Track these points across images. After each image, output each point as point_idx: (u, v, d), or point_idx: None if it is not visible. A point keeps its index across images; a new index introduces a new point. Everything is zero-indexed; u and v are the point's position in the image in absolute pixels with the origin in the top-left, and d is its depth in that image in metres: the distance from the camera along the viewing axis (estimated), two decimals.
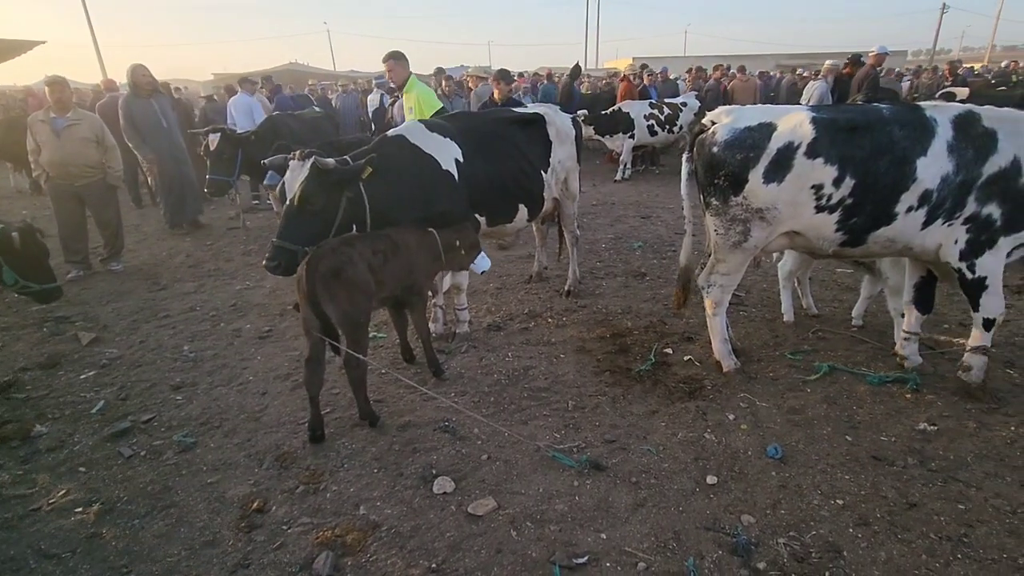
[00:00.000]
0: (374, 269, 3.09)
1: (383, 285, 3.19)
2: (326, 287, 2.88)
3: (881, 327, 4.10)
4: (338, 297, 2.91)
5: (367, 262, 3.05)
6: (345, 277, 2.92)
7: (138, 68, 6.60)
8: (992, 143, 2.90)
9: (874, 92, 7.89)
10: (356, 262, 2.99)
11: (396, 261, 3.24)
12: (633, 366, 3.72)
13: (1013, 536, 2.31)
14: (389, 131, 3.84)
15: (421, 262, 3.43)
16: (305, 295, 2.90)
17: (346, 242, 3.09)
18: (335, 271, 2.90)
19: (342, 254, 2.97)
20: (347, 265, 2.94)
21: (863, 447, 2.88)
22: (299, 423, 3.21)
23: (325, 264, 2.90)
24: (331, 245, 3.03)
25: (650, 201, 8.65)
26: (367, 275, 3.03)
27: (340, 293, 2.91)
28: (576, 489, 2.67)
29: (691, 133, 3.40)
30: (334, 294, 2.90)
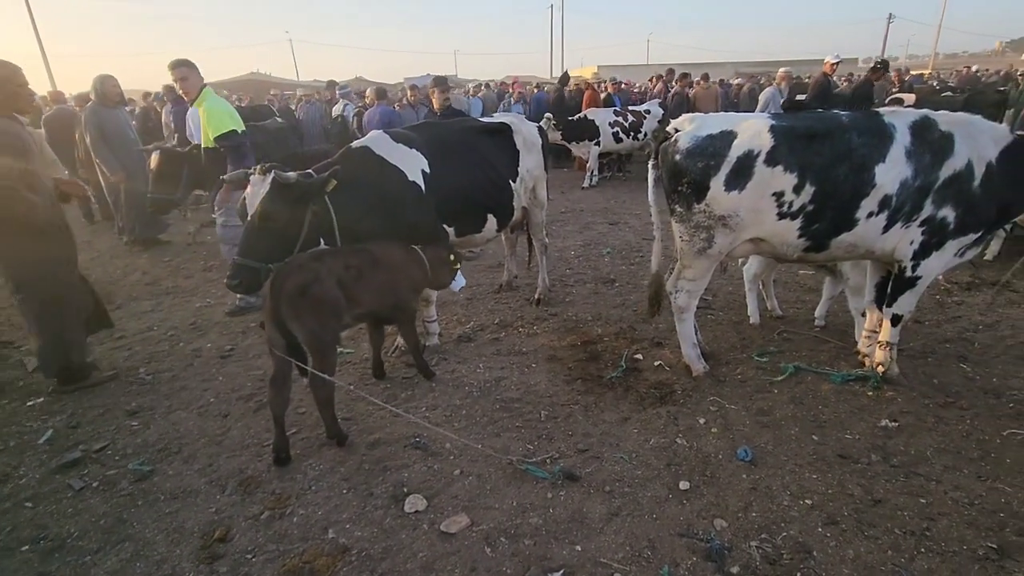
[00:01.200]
0: (345, 285, 2.99)
1: (357, 302, 3.08)
2: (292, 306, 2.79)
3: (843, 326, 4.21)
4: (304, 316, 2.81)
5: (337, 278, 2.96)
6: (312, 295, 2.82)
7: (108, 79, 6.36)
8: (949, 147, 3.01)
9: (824, 100, 8.10)
10: (324, 279, 2.89)
11: (375, 277, 3.15)
12: (604, 373, 3.73)
13: (972, 527, 2.38)
14: (353, 142, 3.77)
15: (406, 280, 3.36)
16: (270, 314, 2.80)
17: (315, 257, 2.99)
18: (301, 289, 2.80)
19: (309, 271, 2.87)
20: (314, 283, 2.84)
21: (829, 446, 2.94)
22: (263, 445, 3.10)
23: (291, 282, 2.80)
24: (298, 261, 2.93)
25: (618, 207, 8.75)
26: (336, 292, 2.93)
27: (306, 312, 2.82)
28: (550, 501, 2.64)
29: (655, 140, 3.44)
30: (300, 313, 2.80)
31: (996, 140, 3.06)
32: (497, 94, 14.06)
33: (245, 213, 3.21)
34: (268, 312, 2.81)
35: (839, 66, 9.06)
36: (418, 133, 3.84)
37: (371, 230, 3.40)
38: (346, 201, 3.30)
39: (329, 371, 2.91)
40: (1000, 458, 2.79)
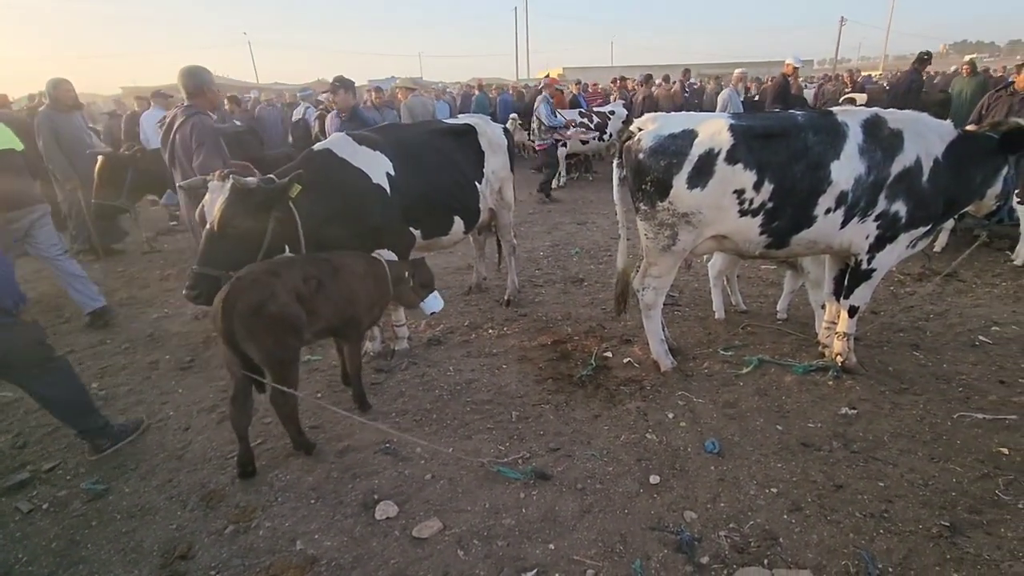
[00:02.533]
0: (305, 298, 2.81)
1: (317, 315, 2.91)
2: (245, 326, 2.59)
3: (804, 319, 4.34)
4: (260, 337, 2.63)
5: (295, 292, 2.77)
6: (268, 314, 2.62)
7: (61, 82, 6.07)
8: (899, 143, 3.13)
9: (784, 101, 8.34)
10: (280, 295, 2.68)
11: (335, 288, 2.98)
12: (575, 372, 3.75)
13: (926, 507, 2.48)
14: (315, 145, 3.70)
15: (364, 292, 3.19)
16: (222, 335, 2.62)
17: (269, 271, 2.77)
18: (255, 308, 2.60)
19: (263, 287, 2.66)
20: (269, 300, 2.64)
21: (793, 435, 3.02)
22: (227, 458, 3.01)
23: (244, 300, 2.59)
24: (251, 276, 2.71)
25: (585, 207, 8.83)
26: (295, 308, 2.74)
27: (262, 332, 2.63)
28: (523, 501, 2.63)
29: (619, 140, 3.48)
30: (255, 333, 2.62)
31: (942, 136, 3.20)
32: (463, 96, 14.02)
33: (204, 221, 3.08)
34: (220, 333, 2.63)
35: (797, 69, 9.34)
36: (382, 135, 3.79)
37: (336, 235, 3.33)
38: (309, 206, 3.22)
39: (291, 387, 2.78)
40: (951, 440, 2.92)
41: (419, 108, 8.30)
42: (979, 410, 3.14)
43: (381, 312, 3.51)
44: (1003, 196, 3.35)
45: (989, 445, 2.85)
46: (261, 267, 2.82)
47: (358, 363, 3.37)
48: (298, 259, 3.06)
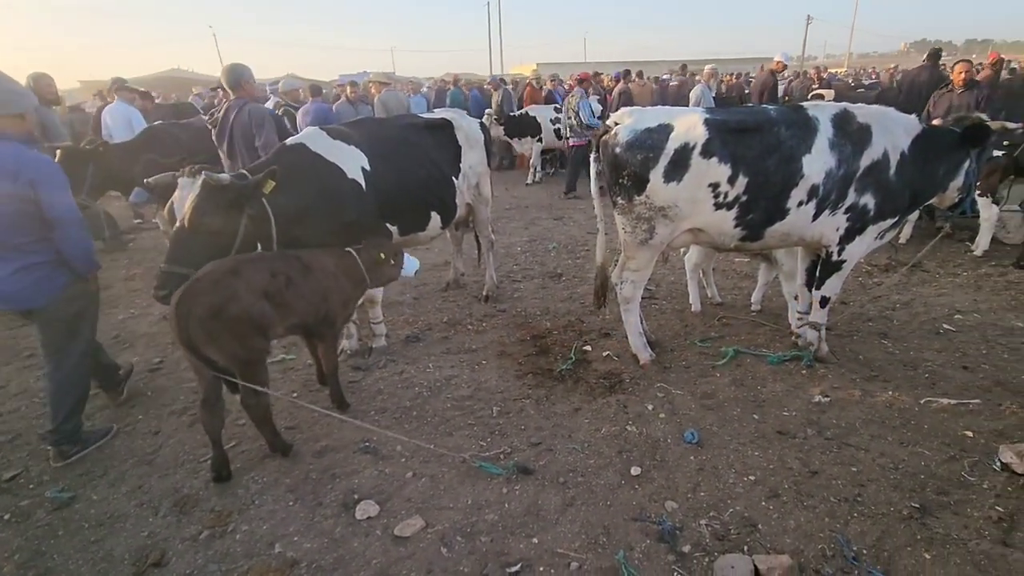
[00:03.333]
0: (273, 295, 2.70)
1: (289, 311, 2.81)
2: (205, 330, 2.48)
3: (777, 310, 4.43)
4: (222, 340, 2.52)
5: (261, 290, 2.66)
6: (229, 317, 2.50)
7: (42, 77, 5.88)
8: (867, 138, 3.21)
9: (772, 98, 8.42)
10: (242, 296, 2.56)
11: (307, 285, 2.89)
12: (554, 366, 3.75)
13: (897, 490, 2.56)
14: (288, 139, 3.61)
15: (338, 289, 3.11)
16: (179, 339, 2.50)
17: (230, 270, 2.64)
18: (215, 311, 2.48)
19: (224, 288, 2.54)
20: (230, 302, 2.51)
21: (769, 423, 3.08)
22: (200, 461, 2.92)
23: (202, 303, 2.47)
24: (209, 276, 2.57)
25: (562, 203, 8.85)
26: (262, 306, 2.63)
27: (224, 335, 2.52)
28: (505, 496, 2.63)
29: (596, 134, 3.48)
30: (216, 337, 2.51)
31: (908, 131, 3.29)
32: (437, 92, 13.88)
33: (173, 218, 2.98)
34: (177, 338, 2.51)
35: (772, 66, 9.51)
36: (356, 130, 3.72)
37: (310, 232, 3.26)
38: (283, 202, 3.14)
39: (262, 386, 2.70)
40: (919, 424, 3.01)
41: (393, 103, 8.17)
42: (944, 395, 3.25)
43: (355, 306, 3.45)
44: (965, 189, 3.46)
45: (955, 428, 2.96)
46: (221, 266, 2.67)
47: (334, 362, 3.30)
48: (264, 256, 2.97)
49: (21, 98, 2.76)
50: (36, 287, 2.79)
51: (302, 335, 3.23)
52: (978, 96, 5.80)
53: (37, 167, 2.68)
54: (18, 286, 2.74)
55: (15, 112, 2.70)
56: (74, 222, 2.80)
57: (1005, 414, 3.06)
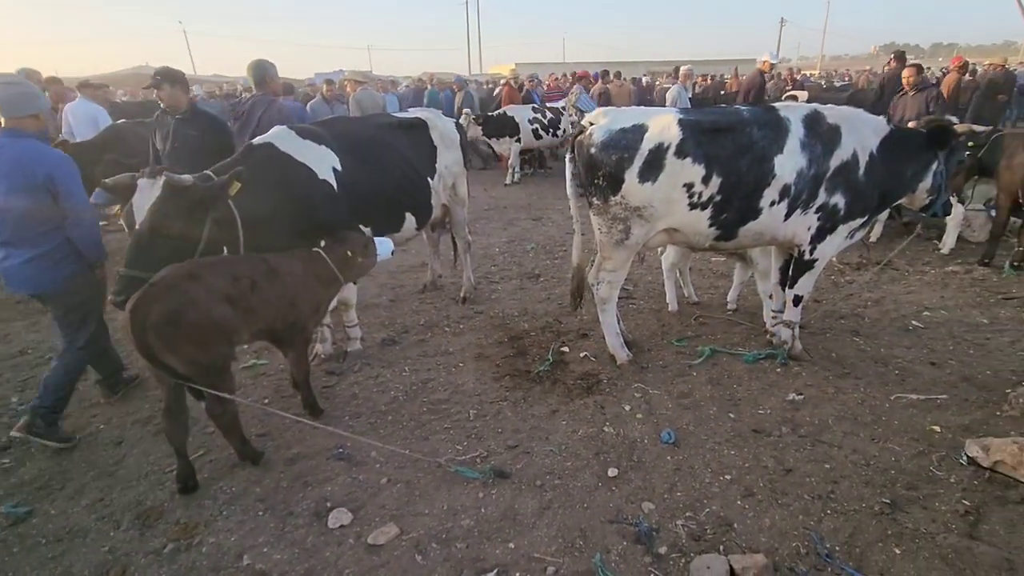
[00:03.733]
0: (236, 300, 2.60)
1: (255, 317, 2.71)
2: (161, 338, 2.37)
3: (753, 308, 4.47)
4: (181, 348, 2.42)
5: (223, 295, 2.56)
6: (187, 323, 2.41)
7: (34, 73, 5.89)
8: (837, 138, 3.25)
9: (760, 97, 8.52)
10: (201, 301, 2.46)
11: (273, 289, 2.80)
12: (532, 368, 3.73)
13: (868, 486, 2.59)
14: (255, 139, 3.51)
15: (308, 294, 3.02)
16: (136, 347, 2.39)
17: (188, 275, 2.53)
18: (171, 318, 2.37)
19: (180, 294, 2.44)
20: (187, 308, 2.42)
21: (744, 422, 3.10)
22: (165, 472, 2.82)
23: (158, 310, 2.36)
24: (165, 281, 2.45)
25: (540, 203, 8.84)
26: (222, 310, 2.53)
27: (182, 343, 2.42)
28: (482, 501, 2.59)
29: (571, 134, 3.47)
30: (174, 345, 2.41)
31: (876, 131, 3.35)
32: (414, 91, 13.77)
33: (132, 221, 2.86)
34: (134, 345, 2.41)
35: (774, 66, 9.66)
36: (327, 129, 3.65)
37: (279, 234, 3.17)
38: (250, 204, 3.05)
39: (228, 392, 2.60)
40: (889, 421, 3.06)
41: (368, 101, 8.05)
42: (913, 391, 3.31)
43: (327, 310, 3.37)
44: (934, 191, 3.53)
45: (923, 424, 3.01)
46: (179, 270, 2.56)
47: (306, 368, 3.22)
48: (226, 259, 2.87)
49: (37, 99, 3.05)
50: (46, 273, 3.01)
51: (270, 342, 3.13)
52: (927, 97, 6.01)
53: (54, 162, 2.92)
54: (31, 272, 2.97)
55: (32, 112, 2.97)
56: (87, 213, 3.07)
57: (971, 409, 3.13)
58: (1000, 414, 3.06)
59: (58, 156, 2.96)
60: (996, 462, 2.59)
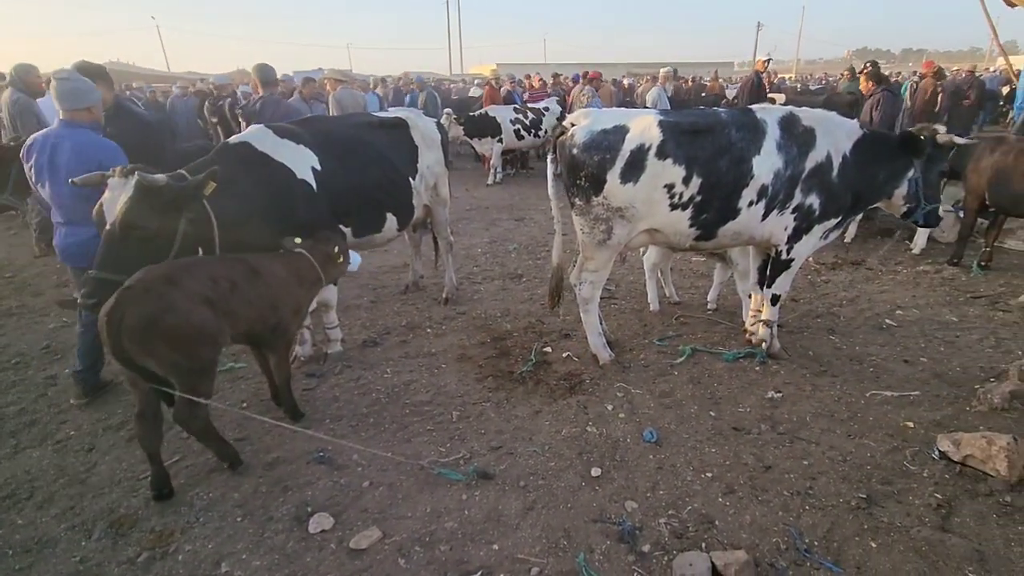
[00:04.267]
0: (215, 302, 2.54)
1: (235, 319, 2.65)
2: (137, 340, 2.31)
3: (732, 308, 4.53)
4: (159, 352, 2.36)
5: (203, 297, 2.49)
6: (167, 327, 2.35)
7: (33, 69, 5.82)
8: (812, 140, 3.31)
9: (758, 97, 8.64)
10: (179, 305, 2.40)
11: (254, 290, 2.74)
12: (515, 368, 3.72)
13: (846, 481, 2.64)
14: (231, 138, 3.45)
15: (289, 296, 2.96)
16: (112, 352, 2.33)
17: (164, 277, 2.46)
18: (148, 322, 2.31)
19: (157, 297, 2.37)
20: (166, 312, 2.35)
21: (725, 420, 3.13)
22: (139, 479, 2.75)
23: (134, 313, 2.30)
24: (142, 284, 2.39)
25: (522, 204, 8.84)
26: (205, 313, 2.47)
27: (161, 347, 2.36)
28: (465, 503, 2.58)
29: (553, 135, 3.47)
30: (151, 349, 2.35)
31: (849, 134, 3.42)
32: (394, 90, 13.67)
33: (103, 221, 2.77)
34: (110, 350, 2.35)
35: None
36: (305, 128, 3.59)
37: (257, 235, 3.12)
38: (226, 203, 2.99)
39: (204, 396, 2.52)
40: (865, 417, 3.13)
41: (348, 101, 7.97)
42: (887, 388, 3.39)
43: (308, 312, 3.32)
44: (912, 199, 3.55)
45: (897, 420, 3.08)
46: (155, 272, 2.49)
47: (287, 371, 3.16)
48: (204, 260, 2.80)
49: (90, 94, 3.27)
50: None
51: (250, 345, 3.07)
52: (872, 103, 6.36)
53: (106, 150, 3.18)
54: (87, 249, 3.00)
55: (86, 105, 3.23)
56: None
57: (942, 405, 3.22)
58: (969, 409, 3.15)
59: (109, 145, 3.24)
60: (966, 456, 2.66)
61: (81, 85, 3.23)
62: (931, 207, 3.60)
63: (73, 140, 3.12)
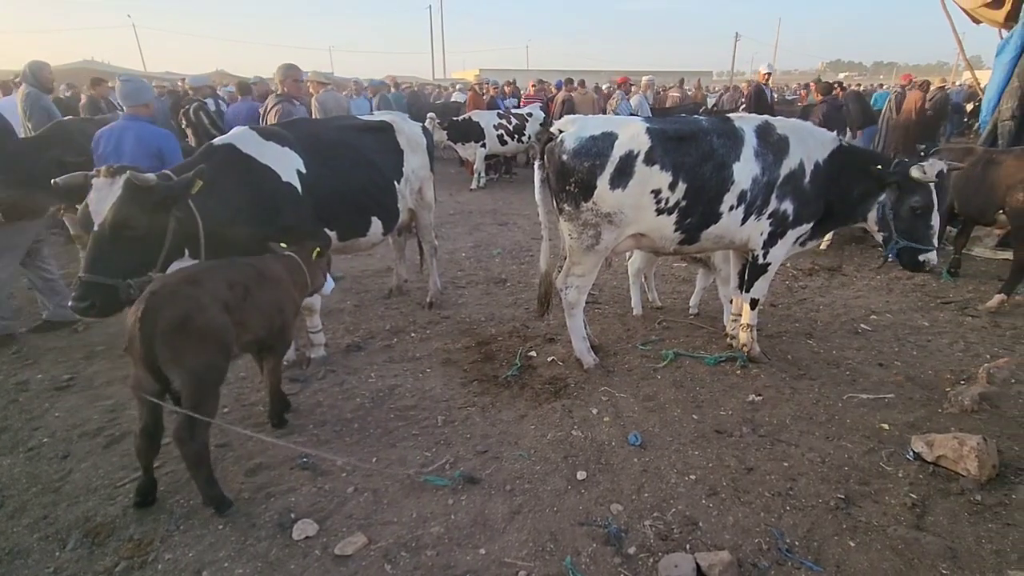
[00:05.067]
0: (232, 309, 2.52)
1: (246, 327, 2.62)
2: (169, 343, 2.28)
3: (713, 312, 4.61)
4: (186, 354, 2.32)
5: (223, 302, 2.47)
6: (195, 327, 2.32)
7: (44, 66, 5.91)
8: (786, 147, 3.40)
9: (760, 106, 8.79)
10: (207, 306, 2.39)
11: (262, 296, 2.72)
12: (500, 373, 3.73)
13: (824, 482, 2.70)
14: (215, 140, 3.41)
15: (290, 298, 2.96)
16: (140, 355, 2.28)
17: (191, 280, 2.46)
18: (181, 321, 2.29)
19: (188, 298, 2.36)
20: (196, 312, 2.34)
21: (707, 423, 3.18)
22: (117, 486, 2.68)
23: (168, 313, 2.28)
24: (169, 287, 2.39)
25: (506, 208, 8.87)
26: (224, 319, 2.45)
27: (188, 349, 2.32)
28: (451, 507, 2.57)
29: (540, 141, 3.51)
30: (180, 351, 2.30)
31: (824, 144, 3.51)
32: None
33: (89, 223, 2.70)
34: (136, 354, 2.29)
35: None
36: (290, 130, 3.57)
37: (241, 237, 3.08)
38: (212, 205, 2.95)
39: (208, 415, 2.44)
40: (842, 419, 3.20)
41: (332, 104, 7.89)
42: (864, 391, 3.48)
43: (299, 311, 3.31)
44: (884, 227, 3.48)
45: (873, 422, 3.17)
46: (178, 276, 2.50)
47: (279, 376, 3.14)
48: (219, 265, 2.76)
49: (147, 91, 3.93)
50: None
51: (256, 353, 3.02)
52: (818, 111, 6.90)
53: (163, 138, 3.74)
54: None
55: (144, 102, 3.84)
56: None
57: (915, 407, 3.31)
58: (941, 411, 3.26)
59: (165, 133, 3.76)
60: (939, 456, 2.74)
61: (140, 85, 3.88)
62: (904, 244, 3.42)
63: (135, 130, 3.64)
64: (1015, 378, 3.52)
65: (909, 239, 3.42)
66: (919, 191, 3.33)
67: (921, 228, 3.39)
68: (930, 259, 3.43)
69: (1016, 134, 6.32)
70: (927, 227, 3.39)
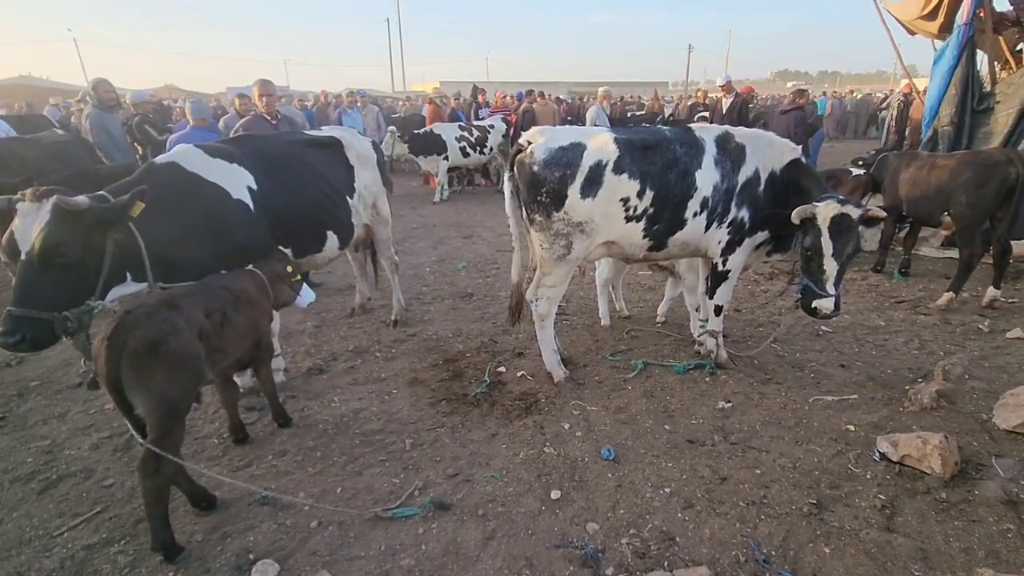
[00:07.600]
0: (208, 336, 2.49)
1: (223, 354, 2.61)
2: (137, 368, 2.19)
3: (680, 320, 4.63)
4: (154, 380, 2.23)
5: (198, 328, 2.43)
6: (166, 352, 2.25)
7: (103, 82, 6.23)
8: (743, 156, 3.45)
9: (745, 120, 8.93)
10: (182, 331, 2.33)
11: (239, 318, 2.69)
12: (469, 390, 3.63)
13: (796, 488, 2.70)
14: (157, 158, 3.23)
15: (262, 312, 2.97)
16: (106, 379, 2.17)
17: (166, 303, 2.40)
18: (152, 345, 2.22)
19: (162, 321, 2.30)
20: (169, 336, 2.27)
21: (679, 433, 3.16)
22: (52, 536, 2.46)
23: (138, 336, 2.20)
24: (143, 309, 2.32)
25: (470, 221, 8.80)
26: (197, 347, 2.40)
27: (157, 374, 2.24)
28: (422, 537, 2.45)
29: (511, 152, 3.47)
30: (148, 376, 2.22)
31: (782, 154, 3.57)
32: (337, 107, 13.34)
33: (14, 251, 2.49)
34: (104, 377, 2.19)
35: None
36: (237, 147, 3.41)
37: (193, 258, 2.91)
38: (156, 227, 2.77)
39: (172, 450, 2.29)
40: (810, 423, 3.23)
41: (297, 120, 7.69)
42: (828, 393, 3.54)
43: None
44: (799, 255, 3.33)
45: (839, 424, 3.21)
46: (158, 300, 2.44)
47: (273, 381, 3.23)
48: (196, 289, 2.69)
49: (207, 110, 5.73)
50: None
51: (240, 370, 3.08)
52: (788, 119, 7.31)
53: None
54: None
55: (204, 116, 5.57)
56: None
57: (878, 407, 3.38)
58: (903, 410, 3.32)
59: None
60: (904, 456, 2.79)
61: (203, 104, 5.66)
62: (805, 283, 3.26)
63: (199, 138, 4.51)
64: (968, 373, 3.64)
65: (808, 277, 3.27)
66: (810, 232, 3.16)
67: (814, 269, 3.20)
68: (822, 307, 3.19)
69: (955, 139, 6.65)
70: (820, 270, 3.17)
